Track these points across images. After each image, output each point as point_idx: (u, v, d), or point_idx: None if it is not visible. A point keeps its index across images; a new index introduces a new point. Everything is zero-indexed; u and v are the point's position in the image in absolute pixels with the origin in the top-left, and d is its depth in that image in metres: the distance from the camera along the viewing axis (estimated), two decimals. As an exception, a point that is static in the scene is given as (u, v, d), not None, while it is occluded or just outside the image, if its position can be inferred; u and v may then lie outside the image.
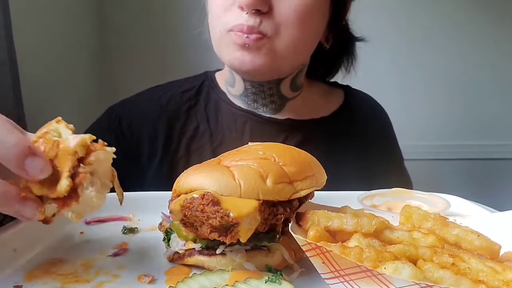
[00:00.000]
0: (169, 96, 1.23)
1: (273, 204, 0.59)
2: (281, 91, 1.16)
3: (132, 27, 2.78)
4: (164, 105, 1.21)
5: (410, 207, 0.61)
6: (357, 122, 1.30)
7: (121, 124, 1.19)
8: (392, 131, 1.38)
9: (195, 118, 1.20)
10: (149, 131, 1.18)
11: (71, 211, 0.54)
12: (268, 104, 1.18)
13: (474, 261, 0.49)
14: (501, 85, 2.99)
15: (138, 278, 0.59)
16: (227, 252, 0.61)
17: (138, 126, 1.19)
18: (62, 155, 0.53)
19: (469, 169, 3.03)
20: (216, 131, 1.18)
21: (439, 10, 2.87)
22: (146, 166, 1.17)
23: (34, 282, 0.58)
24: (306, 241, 0.50)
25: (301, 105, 1.22)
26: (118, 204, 0.83)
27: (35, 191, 0.53)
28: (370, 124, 1.33)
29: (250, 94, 1.16)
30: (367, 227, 0.55)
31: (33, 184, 0.53)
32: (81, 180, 0.53)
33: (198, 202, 0.57)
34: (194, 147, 1.16)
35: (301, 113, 1.22)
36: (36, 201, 0.54)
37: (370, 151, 1.26)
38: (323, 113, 1.26)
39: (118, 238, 0.74)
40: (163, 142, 1.17)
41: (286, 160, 0.63)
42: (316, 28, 1.09)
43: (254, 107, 1.19)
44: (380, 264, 0.47)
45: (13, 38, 1.61)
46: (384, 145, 1.33)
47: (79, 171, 0.53)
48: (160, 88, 1.28)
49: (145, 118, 1.20)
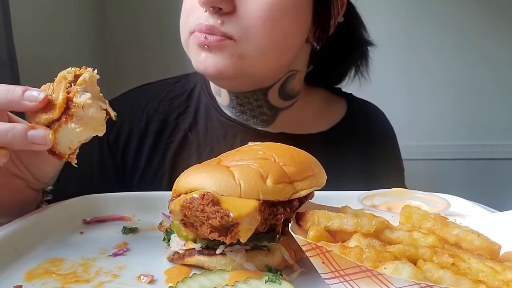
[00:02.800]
0: (156, 104, 1.14)
1: (273, 204, 0.59)
2: (269, 100, 1.06)
3: (132, 27, 2.78)
4: (151, 114, 1.12)
5: (410, 207, 0.61)
6: (358, 137, 1.19)
7: (108, 138, 1.10)
8: (395, 145, 1.29)
9: (182, 126, 1.11)
10: (135, 143, 1.10)
11: (73, 123, 0.63)
12: (258, 116, 1.08)
13: (474, 261, 0.49)
14: (501, 85, 2.99)
15: (138, 278, 0.59)
16: (227, 252, 0.61)
17: (123, 140, 1.10)
18: (56, 86, 0.65)
19: (469, 169, 3.03)
20: (205, 142, 1.10)
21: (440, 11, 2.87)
22: (128, 179, 1.10)
23: (34, 282, 0.58)
24: (306, 241, 0.50)
25: (296, 116, 1.12)
26: (118, 204, 0.84)
27: (42, 122, 0.64)
28: (373, 139, 1.23)
29: (237, 106, 1.07)
30: (367, 227, 0.55)
31: (37, 116, 0.64)
32: (74, 93, 0.63)
33: (198, 202, 0.57)
34: (179, 160, 1.08)
35: (297, 125, 1.13)
36: (44, 128, 0.64)
37: (370, 166, 1.17)
38: (322, 126, 1.17)
39: (118, 238, 0.74)
40: (148, 154, 1.09)
41: (286, 160, 0.63)
42: (294, 28, 0.96)
43: (244, 119, 1.10)
44: (380, 264, 0.47)
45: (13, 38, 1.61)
46: (385, 160, 1.23)
47: (71, 89, 0.64)
48: (148, 93, 1.18)
49: (131, 130, 1.11)
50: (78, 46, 2.40)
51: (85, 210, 0.83)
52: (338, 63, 1.21)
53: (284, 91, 1.07)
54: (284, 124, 1.11)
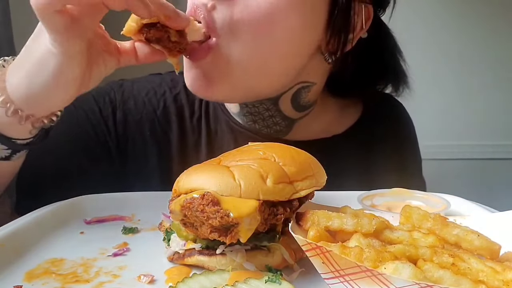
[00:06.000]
0: (174, 95, 1.07)
1: (273, 204, 0.59)
2: (282, 112, 0.98)
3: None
4: (169, 104, 1.05)
5: (410, 207, 0.61)
6: (374, 137, 1.13)
7: (115, 114, 1.02)
8: (414, 142, 1.23)
9: (197, 127, 1.05)
10: (145, 133, 1.03)
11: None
12: (271, 126, 1.00)
13: (474, 261, 0.49)
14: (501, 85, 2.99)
15: (138, 278, 0.59)
16: (227, 252, 0.61)
17: (133, 124, 1.03)
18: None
19: (469, 169, 3.03)
20: (215, 146, 1.02)
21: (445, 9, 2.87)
22: (132, 171, 1.02)
23: (34, 282, 0.58)
24: (306, 241, 0.50)
25: (313, 124, 1.05)
26: (118, 204, 0.84)
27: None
28: (387, 140, 1.15)
29: (248, 114, 0.99)
30: (367, 227, 0.55)
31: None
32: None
33: (198, 202, 0.57)
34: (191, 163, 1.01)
35: (313, 132, 1.06)
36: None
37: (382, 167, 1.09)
38: (338, 129, 1.10)
39: (118, 238, 0.74)
40: (158, 150, 1.03)
41: (286, 160, 0.63)
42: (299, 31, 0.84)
43: (257, 128, 1.02)
44: (380, 264, 0.47)
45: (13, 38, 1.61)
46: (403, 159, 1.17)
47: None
48: (165, 82, 1.10)
49: (144, 116, 1.04)
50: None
51: (85, 210, 0.83)
52: (362, 84, 1.11)
53: (298, 103, 0.98)
54: (300, 133, 1.04)
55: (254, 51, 0.82)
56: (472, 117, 3.01)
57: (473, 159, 3.05)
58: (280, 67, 0.88)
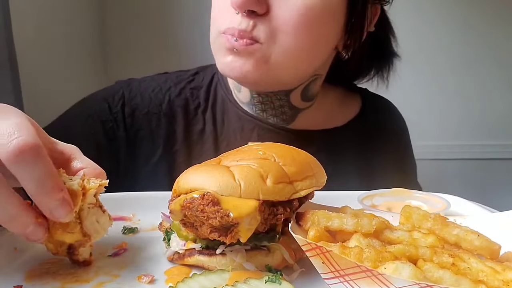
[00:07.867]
0: (179, 90, 1.14)
1: (273, 204, 0.59)
2: (291, 102, 1.07)
3: (132, 27, 2.78)
4: (173, 98, 1.12)
5: (410, 207, 0.61)
6: (372, 131, 1.21)
7: (124, 109, 1.09)
8: (407, 139, 1.31)
9: (202, 118, 1.12)
10: (152, 125, 1.10)
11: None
12: (278, 115, 1.10)
13: (474, 261, 0.49)
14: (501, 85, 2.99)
15: (138, 278, 0.59)
16: (227, 252, 0.61)
17: (140, 117, 1.10)
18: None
19: (469, 169, 3.03)
20: (222, 136, 1.10)
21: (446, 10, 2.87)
22: (141, 164, 1.09)
23: (34, 282, 0.58)
24: (306, 241, 0.50)
25: (315, 114, 1.14)
26: (118, 204, 0.84)
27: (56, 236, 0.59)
28: (386, 133, 1.25)
29: (258, 104, 1.08)
30: (367, 227, 0.55)
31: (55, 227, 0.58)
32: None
33: (198, 202, 0.57)
34: (196, 153, 1.09)
35: (315, 122, 1.14)
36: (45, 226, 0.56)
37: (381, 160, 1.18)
38: (339, 121, 1.18)
39: (118, 238, 0.74)
40: (164, 141, 1.09)
41: (286, 160, 0.63)
42: (325, 36, 0.96)
43: (264, 117, 1.10)
44: (380, 264, 0.47)
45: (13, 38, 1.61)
46: (399, 155, 1.26)
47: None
48: (170, 79, 1.17)
49: (151, 110, 1.10)
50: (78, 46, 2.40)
51: (85, 210, 0.83)
52: (362, 69, 1.22)
53: (306, 94, 1.08)
54: (302, 122, 1.12)
55: (291, 53, 0.92)
56: (471, 117, 3.01)
57: (472, 159, 3.05)
58: (308, 65, 1.00)
